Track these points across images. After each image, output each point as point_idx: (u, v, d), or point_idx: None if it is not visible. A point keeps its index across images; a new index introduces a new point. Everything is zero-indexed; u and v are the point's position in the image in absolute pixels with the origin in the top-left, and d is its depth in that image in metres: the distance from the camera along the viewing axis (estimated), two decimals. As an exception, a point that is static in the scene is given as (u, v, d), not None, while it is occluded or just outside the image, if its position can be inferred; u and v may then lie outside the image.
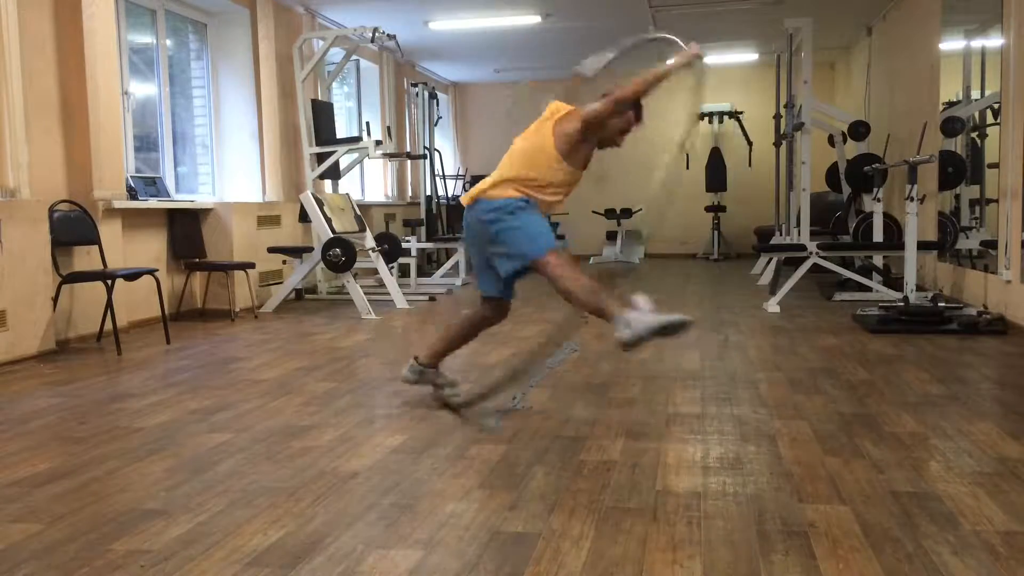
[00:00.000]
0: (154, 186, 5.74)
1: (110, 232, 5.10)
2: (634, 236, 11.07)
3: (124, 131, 5.47)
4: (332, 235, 6.00)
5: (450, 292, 7.36)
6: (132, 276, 4.74)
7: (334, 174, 6.87)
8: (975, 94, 6.31)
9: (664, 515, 2.04)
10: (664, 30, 3.27)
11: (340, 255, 5.94)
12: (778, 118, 8.78)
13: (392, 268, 6.83)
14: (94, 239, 4.89)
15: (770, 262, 7.56)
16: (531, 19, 8.14)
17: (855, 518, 2.00)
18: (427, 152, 9.13)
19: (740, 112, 10.95)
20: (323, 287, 7.08)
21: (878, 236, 6.44)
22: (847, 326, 5.03)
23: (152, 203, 5.57)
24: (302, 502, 2.18)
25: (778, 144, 8.80)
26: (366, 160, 7.24)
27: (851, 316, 5.30)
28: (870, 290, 6.11)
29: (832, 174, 7.96)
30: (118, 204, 5.15)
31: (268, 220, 6.63)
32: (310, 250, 6.45)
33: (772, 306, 5.79)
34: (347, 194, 6.83)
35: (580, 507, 2.10)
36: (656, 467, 2.42)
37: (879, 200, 6.49)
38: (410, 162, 9.91)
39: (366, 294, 6.04)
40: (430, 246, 8.90)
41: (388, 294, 6.39)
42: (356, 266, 6.05)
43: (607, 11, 7.83)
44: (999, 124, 5.28)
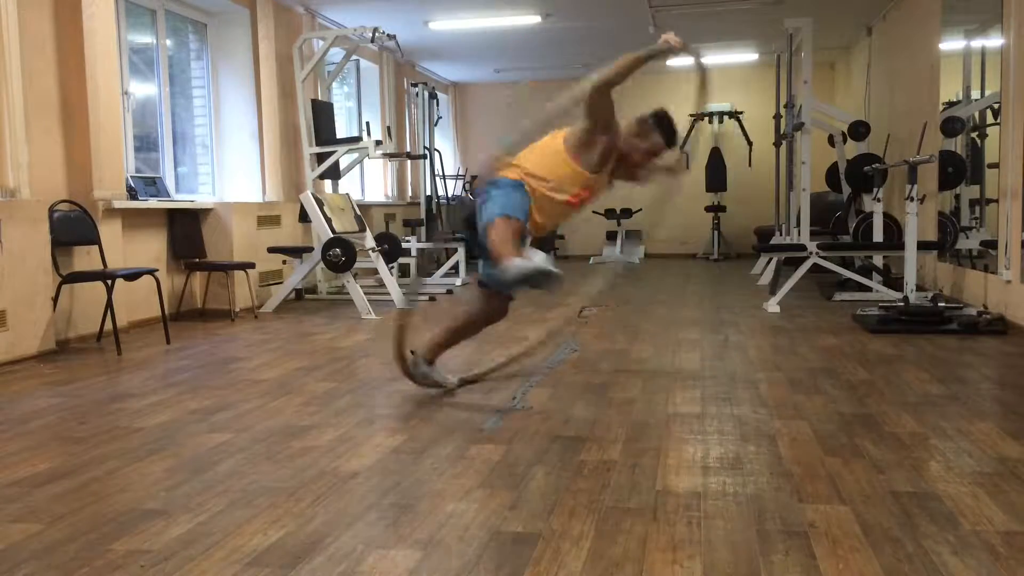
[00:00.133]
0: (154, 186, 5.74)
1: (110, 232, 5.10)
2: (634, 236, 11.07)
3: (124, 131, 5.47)
4: (332, 235, 6.00)
5: (450, 292, 7.36)
6: (132, 276, 4.74)
7: (334, 174, 6.87)
8: (975, 94, 6.31)
9: (664, 515, 2.04)
10: (664, 30, 3.29)
11: (340, 255, 5.94)
12: (778, 118, 8.78)
13: (392, 268, 6.83)
14: (94, 239, 4.89)
15: (770, 262, 7.55)
16: (531, 19, 8.14)
17: (855, 518, 1.99)
18: (427, 152, 9.13)
19: (740, 112, 10.96)
20: (323, 287, 7.08)
21: (878, 236, 6.44)
22: (847, 326, 5.03)
23: (152, 203, 5.57)
24: (302, 502, 2.18)
25: (778, 144, 8.79)
26: (366, 160, 7.24)
27: (851, 316, 5.29)
28: (870, 290, 6.11)
29: (832, 174, 7.96)
30: (118, 204, 5.15)
31: (268, 220, 6.63)
32: (310, 250, 6.45)
33: (772, 306, 5.79)
34: (347, 194, 6.83)
35: (580, 507, 2.10)
36: (656, 467, 2.42)
37: (879, 200, 6.49)
38: (410, 162, 9.90)
39: (366, 294, 6.05)
40: (430, 246, 8.90)
41: (388, 294, 6.39)
42: (356, 266, 6.05)
43: (607, 11, 7.83)
44: (999, 124, 5.28)
